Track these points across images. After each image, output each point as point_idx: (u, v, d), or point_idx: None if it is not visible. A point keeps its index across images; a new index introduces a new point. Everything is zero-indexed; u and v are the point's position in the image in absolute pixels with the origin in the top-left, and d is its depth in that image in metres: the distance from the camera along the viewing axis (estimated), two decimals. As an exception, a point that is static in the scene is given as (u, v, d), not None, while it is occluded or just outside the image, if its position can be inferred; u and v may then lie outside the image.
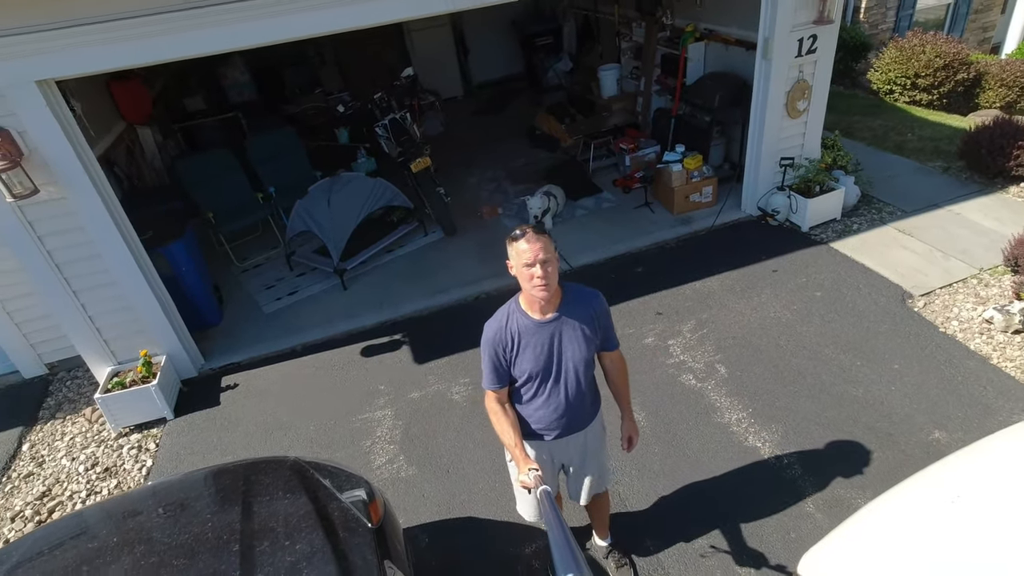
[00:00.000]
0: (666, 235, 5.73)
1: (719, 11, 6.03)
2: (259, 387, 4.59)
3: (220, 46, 3.91)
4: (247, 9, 3.70)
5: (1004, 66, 8.29)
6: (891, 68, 8.62)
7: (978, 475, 1.97)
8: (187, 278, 4.87)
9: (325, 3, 3.82)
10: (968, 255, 4.88)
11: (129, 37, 3.57)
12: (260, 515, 2.26)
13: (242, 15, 3.70)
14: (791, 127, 5.44)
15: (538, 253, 2.09)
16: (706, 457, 3.56)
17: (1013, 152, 5.59)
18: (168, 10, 3.56)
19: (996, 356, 3.95)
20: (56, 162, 3.73)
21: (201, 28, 3.67)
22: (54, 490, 3.96)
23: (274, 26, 3.81)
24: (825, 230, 5.45)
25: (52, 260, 4.02)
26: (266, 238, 6.48)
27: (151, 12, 3.54)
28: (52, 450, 4.29)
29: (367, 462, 3.79)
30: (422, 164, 5.87)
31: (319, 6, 3.81)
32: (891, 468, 3.34)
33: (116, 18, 3.49)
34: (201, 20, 3.64)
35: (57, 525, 2.49)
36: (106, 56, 3.62)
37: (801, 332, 4.37)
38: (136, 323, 4.40)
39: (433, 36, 10.10)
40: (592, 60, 9.05)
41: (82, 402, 4.69)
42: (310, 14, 3.82)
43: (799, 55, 5.05)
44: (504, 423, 2.33)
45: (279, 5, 3.74)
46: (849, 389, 3.87)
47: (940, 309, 4.40)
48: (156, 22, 3.57)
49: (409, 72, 6.71)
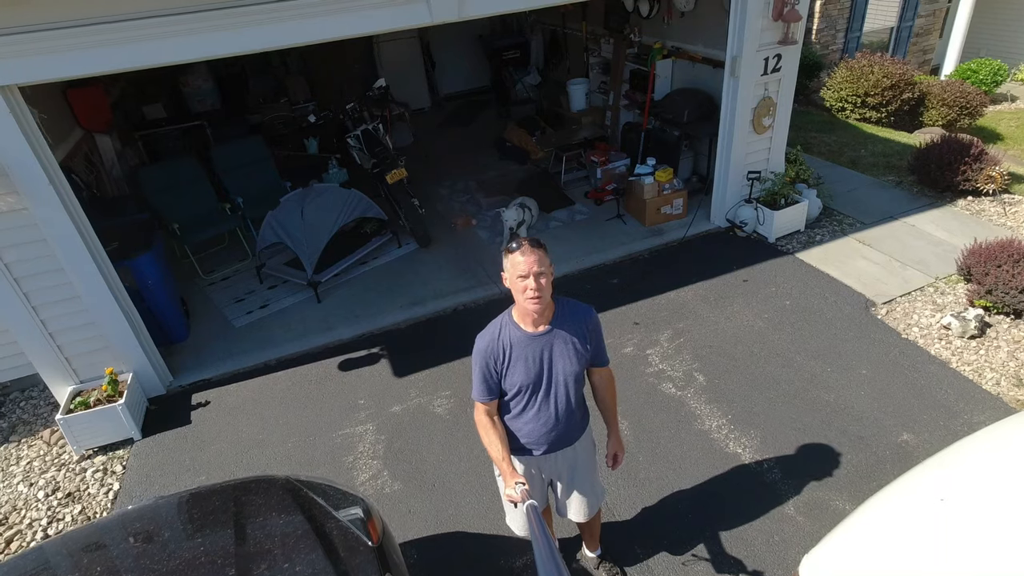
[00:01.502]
0: (639, 246, 5.84)
1: (686, 30, 6.23)
2: (232, 404, 4.44)
3: (190, 55, 3.80)
4: (218, 18, 3.61)
5: (944, 87, 8.83)
6: (842, 87, 9.06)
7: (965, 475, 2.08)
8: (154, 292, 4.69)
9: (300, 14, 3.76)
10: (924, 265, 5.15)
11: (96, 44, 3.44)
12: (255, 537, 2.19)
13: (214, 24, 3.61)
14: (757, 142, 5.65)
15: (532, 265, 2.12)
16: (689, 464, 3.62)
17: (960, 168, 5.94)
18: (137, 17, 3.45)
19: (955, 360, 4.17)
20: (18, 172, 3.55)
21: (170, 37, 3.56)
22: (11, 518, 3.72)
23: (250, 36, 3.74)
24: (791, 241, 5.66)
25: (10, 274, 3.81)
26: (233, 249, 6.31)
27: (120, 19, 3.42)
28: (7, 475, 4.04)
29: (350, 478, 3.71)
30: (398, 175, 5.83)
31: (292, 17, 3.75)
32: (865, 470, 3.47)
33: (83, 24, 3.37)
34: (170, 28, 3.54)
35: (33, 554, 2.34)
36: (72, 63, 3.48)
37: (773, 340, 4.51)
38: (100, 340, 4.20)
39: (401, 48, 10.09)
40: (560, 74, 9.19)
41: (39, 423, 4.44)
42: (283, 25, 3.76)
43: (765, 73, 5.27)
44: (492, 436, 2.32)
45: (250, 15, 3.66)
46: (821, 394, 4.01)
47: (901, 316, 4.62)
48: (125, 29, 3.45)
49: (381, 83, 6.67)
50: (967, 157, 5.95)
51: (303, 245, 5.34)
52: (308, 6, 3.75)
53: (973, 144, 6.08)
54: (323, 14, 3.81)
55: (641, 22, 6.79)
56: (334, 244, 5.58)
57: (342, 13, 3.86)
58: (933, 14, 11.10)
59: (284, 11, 3.72)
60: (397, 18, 4.05)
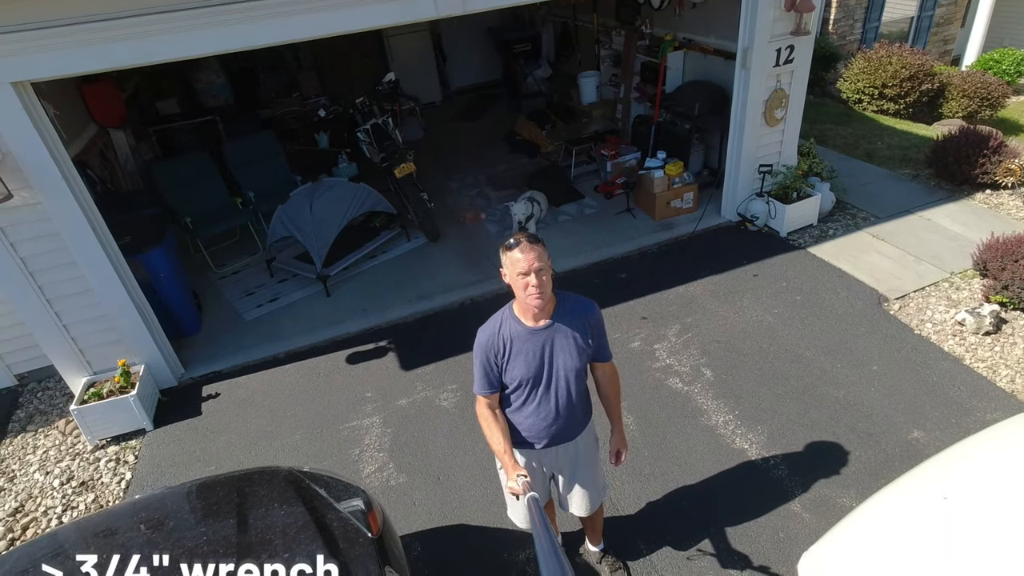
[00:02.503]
0: (648, 240, 5.80)
1: (698, 21, 6.15)
2: (241, 396, 4.49)
3: (200, 50, 3.84)
4: (228, 12, 3.64)
5: (965, 77, 8.63)
6: (859, 78, 8.90)
7: (969, 473, 2.04)
8: (166, 285, 4.75)
9: (309, 8, 3.78)
10: (939, 259, 5.05)
11: (109, 39, 3.49)
12: (256, 527, 2.22)
13: (225, 18, 3.64)
14: (769, 135, 5.58)
15: (533, 262, 2.11)
16: (695, 459, 3.60)
17: (979, 160, 5.82)
18: (148, 12, 3.48)
19: (968, 357, 4.09)
20: (31, 167, 3.61)
21: (181, 32, 3.60)
22: (27, 506, 3.81)
23: (258, 30, 3.76)
24: (802, 235, 5.59)
25: (26, 267, 3.89)
26: (245, 244, 6.37)
27: (131, 14, 3.46)
28: (24, 464, 4.13)
29: (356, 470, 3.74)
30: (406, 169, 5.84)
31: (301, 11, 3.77)
32: (874, 467, 3.43)
33: (96, 19, 3.41)
34: (181, 24, 3.57)
35: (45, 540, 2.39)
36: (84, 58, 3.52)
37: (783, 335, 4.46)
38: (113, 332, 4.27)
39: (412, 42, 10.09)
40: (571, 67, 9.13)
41: (55, 414, 4.53)
42: (291, 19, 3.78)
43: (777, 65, 5.19)
44: (494, 428, 2.32)
45: (264, 8, 3.70)
46: (830, 391, 3.96)
47: (914, 312, 4.55)
48: (134, 25, 3.49)
49: (390, 77, 6.68)
50: (986, 149, 5.81)
51: (312, 239, 5.37)
52: (314, 0, 3.76)
53: (992, 136, 5.94)
54: (325, 8, 3.82)
55: (652, 14, 6.72)
56: (343, 238, 5.61)
57: (348, 7, 3.87)
58: (955, 3, 10.84)
59: (288, 6, 3.74)
60: (404, 12, 4.05)
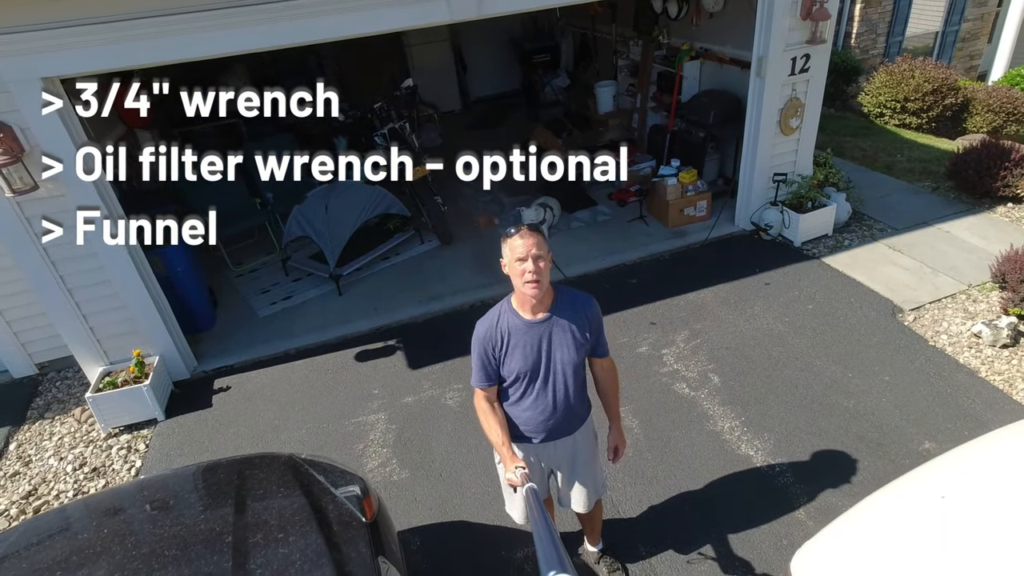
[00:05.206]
0: (660, 248, 5.79)
1: (714, 31, 6.16)
2: (251, 390, 4.56)
3: (223, 49, 3.97)
4: (255, 13, 3.76)
5: (991, 92, 8.49)
6: (881, 92, 8.81)
7: (967, 474, 2.00)
8: (182, 280, 4.86)
9: (325, 10, 3.89)
10: (956, 272, 4.96)
11: (136, 37, 3.62)
12: (254, 509, 2.26)
13: (250, 19, 3.77)
14: (784, 143, 5.55)
15: (531, 248, 2.13)
16: (699, 464, 3.57)
17: (1000, 173, 5.72)
18: (174, 12, 3.62)
19: (984, 370, 4.00)
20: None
21: (206, 31, 3.73)
22: (40, 489, 3.91)
23: (282, 31, 3.90)
24: (817, 245, 5.53)
25: (48, 257, 4.01)
26: (262, 243, 6.48)
27: (157, 14, 3.59)
28: (40, 450, 4.24)
29: (360, 465, 3.77)
30: (420, 172, 5.92)
31: (317, 13, 3.89)
32: (881, 477, 3.35)
33: (124, 18, 3.55)
34: (205, 23, 3.70)
35: (44, 519, 2.46)
36: (112, 55, 3.66)
37: (793, 344, 4.41)
38: (130, 323, 4.38)
39: (432, 51, 10.24)
40: (589, 77, 9.18)
41: (72, 403, 4.65)
42: (309, 21, 3.91)
43: (792, 73, 5.17)
44: (492, 421, 2.33)
45: (288, 9, 3.82)
46: (840, 400, 3.90)
47: (930, 323, 4.47)
48: (162, 24, 3.63)
49: (409, 83, 6.79)
50: (1007, 162, 5.71)
51: (326, 239, 5.46)
52: (329, 3, 3.87)
53: (1014, 149, 5.84)
54: (340, 11, 3.92)
55: (670, 24, 6.75)
56: (357, 239, 5.69)
57: (363, 11, 3.97)
58: (981, 18, 10.70)
59: (303, 8, 3.85)
60: (418, 16, 4.14)
